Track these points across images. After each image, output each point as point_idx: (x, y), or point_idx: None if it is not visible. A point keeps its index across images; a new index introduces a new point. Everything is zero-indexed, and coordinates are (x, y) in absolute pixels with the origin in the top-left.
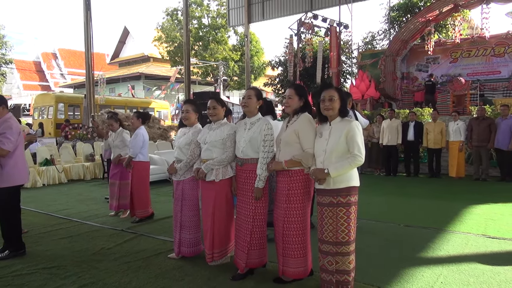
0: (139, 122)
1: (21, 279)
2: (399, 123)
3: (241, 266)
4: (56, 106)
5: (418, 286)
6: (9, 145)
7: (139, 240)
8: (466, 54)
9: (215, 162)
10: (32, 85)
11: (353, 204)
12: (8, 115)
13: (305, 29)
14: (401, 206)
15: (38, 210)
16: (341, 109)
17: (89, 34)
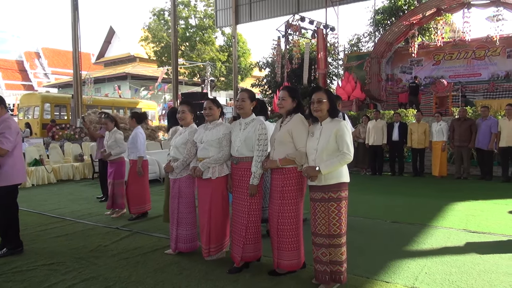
0: (134, 122)
1: (22, 275)
2: (384, 123)
3: (237, 260)
4: (42, 106)
5: (404, 276)
6: (8, 145)
7: (134, 237)
8: (448, 57)
9: (211, 161)
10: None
11: (344, 199)
12: (7, 115)
13: (292, 31)
14: (387, 204)
15: (30, 209)
16: (330, 110)
17: (76, 34)
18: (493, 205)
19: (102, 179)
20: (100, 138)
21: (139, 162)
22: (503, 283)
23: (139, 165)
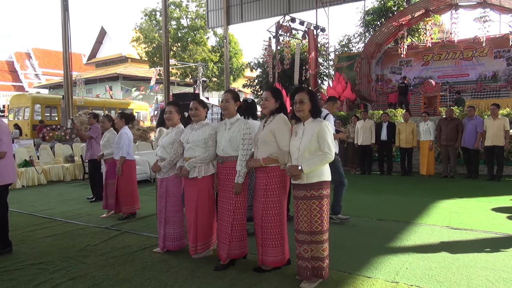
0: (122, 122)
1: (10, 274)
2: (372, 123)
3: (223, 257)
4: (32, 107)
5: (385, 271)
6: (5, 147)
7: (123, 237)
8: (437, 57)
9: (197, 160)
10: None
11: (325, 197)
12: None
13: (283, 31)
14: (375, 202)
15: (20, 210)
16: (312, 111)
17: (67, 35)
18: (477, 202)
19: (92, 180)
20: (89, 139)
21: (120, 161)
22: (480, 277)
23: (119, 164)
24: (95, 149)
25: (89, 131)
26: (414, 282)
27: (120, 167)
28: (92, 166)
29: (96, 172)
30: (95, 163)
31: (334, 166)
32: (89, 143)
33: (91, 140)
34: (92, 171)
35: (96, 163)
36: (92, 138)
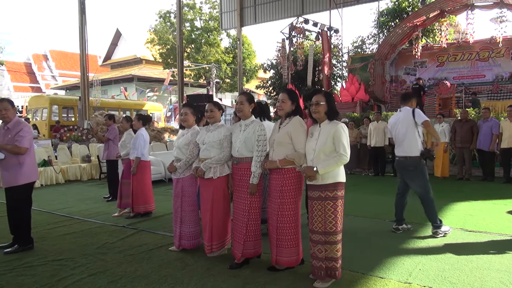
0: (139, 123)
1: (33, 270)
2: (385, 125)
3: (238, 256)
4: (50, 108)
5: (398, 272)
6: (26, 143)
7: (140, 235)
8: (452, 58)
9: (213, 161)
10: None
11: (340, 198)
12: (16, 117)
13: (296, 33)
14: (387, 204)
15: (40, 208)
16: (328, 112)
17: (83, 37)
18: (492, 205)
19: (109, 180)
20: (107, 140)
21: (135, 162)
22: (494, 279)
23: (134, 165)
24: (111, 150)
25: (107, 132)
26: (427, 283)
27: (135, 168)
28: (108, 166)
29: (113, 172)
30: (112, 163)
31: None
32: (106, 144)
33: (108, 141)
34: (108, 171)
35: (113, 163)
36: (109, 140)
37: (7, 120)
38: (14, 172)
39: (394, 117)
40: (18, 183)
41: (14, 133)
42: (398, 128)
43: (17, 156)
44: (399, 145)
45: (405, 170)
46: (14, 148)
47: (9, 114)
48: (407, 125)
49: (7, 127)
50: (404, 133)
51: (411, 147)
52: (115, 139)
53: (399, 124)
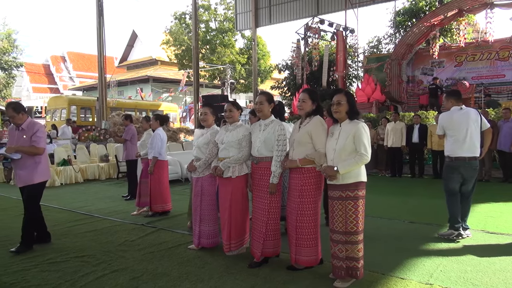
0: (157, 124)
1: (57, 266)
2: (403, 125)
3: (257, 255)
4: (68, 109)
5: (419, 273)
6: (43, 143)
7: (159, 234)
8: (471, 58)
9: (231, 161)
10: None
11: (361, 198)
12: (29, 119)
13: (312, 33)
14: (405, 205)
15: (60, 207)
16: (349, 112)
17: (101, 39)
18: None
19: (129, 179)
20: (124, 141)
21: (152, 161)
22: None
23: (151, 164)
24: (129, 150)
25: (124, 133)
26: (448, 284)
27: (152, 167)
28: (127, 166)
29: (131, 171)
30: (130, 163)
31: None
32: (124, 145)
33: (126, 141)
34: (127, 171)
35: (131, 163)
36: (127, 141)
37: (19, 123)
38: (30, 171)
39: (456, 115)
40: (34, 181)
41: (31, 134)
42: (463, 127)
43: (34, 156)
44: (463, 144)
45: (471, 170)
46: (33, 149)
47: (16, 120)
48: (474, 126)
49: (21, 127)
50: (471, 133)
51: (477, 148)
52: (132, 139)
53: (465, 123)
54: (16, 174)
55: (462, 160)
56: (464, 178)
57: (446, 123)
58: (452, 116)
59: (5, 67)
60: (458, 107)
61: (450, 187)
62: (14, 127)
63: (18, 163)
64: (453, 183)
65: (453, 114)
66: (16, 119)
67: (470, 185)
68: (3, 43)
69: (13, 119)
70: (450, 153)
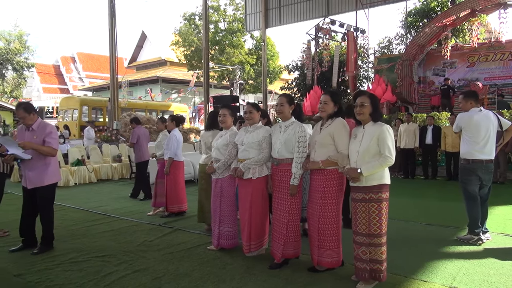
0: (173, 124)
1: (79, 265)
2: (416, 127)
3: (278, 257)
4: (80, 109)
5: (442, 276)
6: (57, 144)
7: (177, 234)
8: (484, 59)
9: (252, 162)
10: (52, 88)
11: (385, 200)
12: (40, 119)
13: (323, 34)
14: (420, 207)
15: (76, 206)
16: (372, 114)
17: (113, 40)
18: None
19: (137, 180)
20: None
21: (168, 162)
22: None
23: (167, 165)
24: (138, 152)
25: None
26: (472, 287)
27: (168, 168)
28: (136, 168)
29: (140, 173)
30: (139, 165)
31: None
32: (134, 147)
33: (133, 145)
34: (136, 172)
35: (139, 164)
36: (134, 144)
37: (29, 123)
38: (40, 173)
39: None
40: (44, 183)
41: (42, 135)
42: (483, 130)
43: (45, 157)
44: (483, 147)
45: (488, 173)
46: (49, 149)
47: (27, 121)
48: (492, 128)
49: (31, 128)
50: (490, 136)
51: (493, 151)
52: (139, 141)
53: (485, 125)
54: (25, 175)
55: (480, 162)
56: (482, 181)
57: (465, 124)
58: (472, 117)
59: (17, 67)
60: (478, 109)
61: (470, 191)
62: (24, 127)
63: (28, 164)
64: (472, 186)
65: (473, 116)
66: (27, 120)
67: (486, 188)
68: (14, 44)
69: (24, 120)
70: (468, 155)
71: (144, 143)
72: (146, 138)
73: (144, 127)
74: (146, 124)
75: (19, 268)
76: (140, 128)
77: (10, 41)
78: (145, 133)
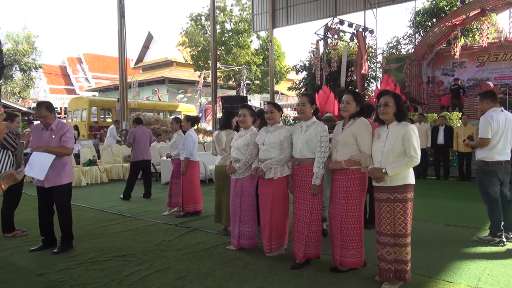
0: (188, 124)
1: (100, 265)
2: (428, 127)
3: (299, 257)
4: (89, 110)
5: (466, 277)
6: (72, 144)
7: (194, 234)
8: (494, 58)
9: (273, 162)
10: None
11: (409, 200)
12: (57, 119)
13: (331, 34)
14: (436, 207)
15: (91, 206)
16: (396, 114)
17: (122, 41)
18: None
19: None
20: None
21: (184, 162)
22: None
23: (183, 165)
24: (133, 152)
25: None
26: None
27: (184, 168)
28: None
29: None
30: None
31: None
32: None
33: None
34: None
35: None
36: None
37: (50, 122)
38: (58, 172)
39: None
40: (62, 182)
41: (60, 134)
42: (508, 131)
43: (62, 156)
44: (505, 149)
45: (507, 174)
46: (62, 149)
47: (48, 120)
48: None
49: (50, 127)
50: (509, 137)
51: (510, 151)
52: (135, 140)
53: (509, 126)
54: None
55: (499, 164)
56: (502, 183)
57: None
58: (498, 118)
59: (25, 68)
60: (499, 109)
61: (492, 193)
62: (41, 126)
63: None
64: (494, 188)
65: (498, 116)
66: (48, 119)
67: (506, 189)
68: (22, 45)
69: (45, 118)
70: (487, 157)
71: (141, 143)
72: (145, 137)
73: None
74: (154, 124)
75: (41, 268)
76: (140, 128)
77: (18, 42)
78: (145, 132)
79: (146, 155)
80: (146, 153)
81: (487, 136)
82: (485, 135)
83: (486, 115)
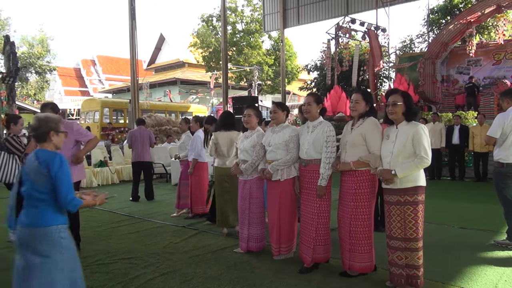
0: (197, 125)
1: (106, 267)
2: (442, 126)
3: (307, 261)
4: (102, 111)
5: (482, 283)
6: (91, 134)
7: (202, 236)
8: (510, 56)
9: (280, 163)
10: (73, 91)
11: (420, 203)
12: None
13: (343, 33)
14: (451, 209)
15: (101, 208)
16: (406, 113)
17: (134, 42)
18: None
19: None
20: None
21: (192, 163)
22: None
23: (191, 166)
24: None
25: None
26: None
27: (192, 169)
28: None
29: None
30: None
31: None
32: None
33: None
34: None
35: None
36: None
37: None
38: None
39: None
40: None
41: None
42: None
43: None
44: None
45: None
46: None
47: None
48: None
49: None
50: None
51: None
52: (132, 142)
53: None
54: None
55: None
56: None
57: (505, 125)
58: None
59: (39, 71)
60: None
61: (508, 196)
62: None
63: None
64: (510, 191)
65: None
66: None
67: None
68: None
69: None
70: (503, 158)
71: (138, 144)
72: (143, 139)
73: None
74: (165, 125)
75: None
76: (138, 129)
77: (32, 45)
78: (143, 134)
79: (144, 157)
80: (144, 155)
81: (495, 135)
82: (493, 134)
83: (502, 114)
